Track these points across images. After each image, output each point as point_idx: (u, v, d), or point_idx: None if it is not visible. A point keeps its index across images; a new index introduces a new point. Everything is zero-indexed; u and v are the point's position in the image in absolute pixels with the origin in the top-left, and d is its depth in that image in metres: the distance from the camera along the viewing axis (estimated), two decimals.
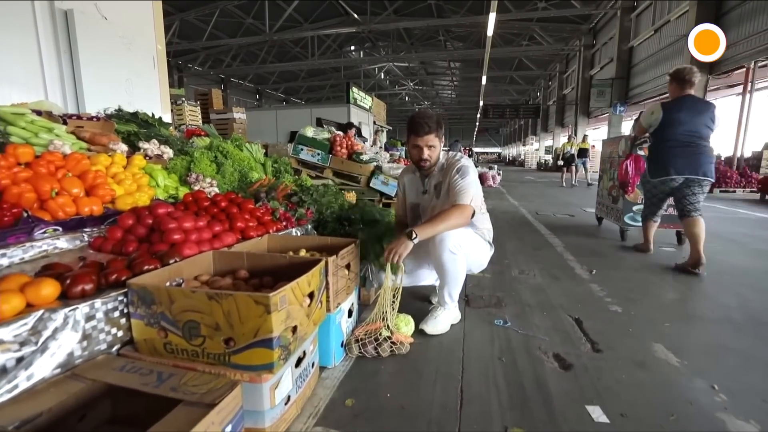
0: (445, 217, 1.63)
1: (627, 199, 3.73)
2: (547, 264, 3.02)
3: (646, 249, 3.37)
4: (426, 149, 1.81)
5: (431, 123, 1.77)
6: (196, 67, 20.50)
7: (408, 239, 1.58)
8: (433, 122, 1.77)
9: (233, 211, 1.90)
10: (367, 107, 12.56)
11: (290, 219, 2.17)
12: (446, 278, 1.76)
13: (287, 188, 2.59)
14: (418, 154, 1.82)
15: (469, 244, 1.76)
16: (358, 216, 2.41)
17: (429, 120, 1.78)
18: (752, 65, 9.49)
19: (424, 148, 1.80)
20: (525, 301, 2.25)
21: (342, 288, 1.55)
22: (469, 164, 1.81)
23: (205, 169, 2.39)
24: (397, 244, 1.59)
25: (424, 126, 1.77)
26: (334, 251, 1.76)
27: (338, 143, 4.16)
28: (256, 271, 1.45)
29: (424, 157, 1.81)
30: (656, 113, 2.95)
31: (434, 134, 1.79)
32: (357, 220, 2.38)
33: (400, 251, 1.56)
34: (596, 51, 18.00)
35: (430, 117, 1.79)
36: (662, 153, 2.93)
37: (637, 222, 3.70)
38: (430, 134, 1.78)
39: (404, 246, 1.57)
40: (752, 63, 9.43)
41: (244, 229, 1.83)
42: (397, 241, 1.60)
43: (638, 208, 3.68)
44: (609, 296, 2.32)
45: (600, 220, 4.75)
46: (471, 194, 1.71)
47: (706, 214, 3.01)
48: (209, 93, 7.84)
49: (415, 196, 2.02)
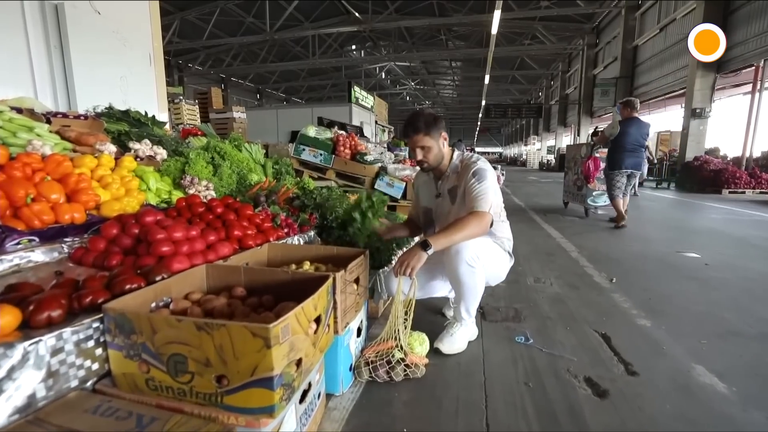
0: (461, 226, 1.48)
1: (589, 188, 5.31)
2: (563, 271, 2.86)
3: (621, 219, 4.64)
4: (419, 151, 1.67)
5: (419, 123, 1.64)
6: (197, 66, 20.36)
7: (422, 250, 1.42)
8: (420, 122, 1.63)
9: (230, 217, 1.73)
10: (369, 107, 12.40)
11: (292, 225, 2.01)
12: (463, 293, 1.60)
13: (289, 191, 2.43)
14: (414, 156, 1.70)
15: (488, 255, 1.60)
16: None
17: (417, 120, 1.64)
18: (762, 63, 9.30)
19: (417, 150, 1.67)
20: (545, 314, 2.09)
21: (351, 306, 1.39)
22: (487, 167, 1.65)
23: (200, 172, 2.23)
24: (410, 255, 1.43)
25: (409, 127, 1.65)
26: (341, 263, 1.60)
27: (341, 143, 4.00)
28: (255, 287, 1.29)
29: (418, 158, 1.69)
30: (616, 128, 4.58)
31: (422, 134, 1.63)
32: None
33: (412, 263, 1.40)
34: (599, 50, 17.83)
35: (419, 116, 1.65)
36: (619, 154, 4.60)
37: (596, 203, 5.37)
38: (418, 134, 1.63)
39: (417, 257, 1.41)
40: (762, 61, 9.25)
41: (242, 238, 1.67)
42: (410, 251, 1.44)
43: (597, 193, 5.28)
44: (634, 308, 2.16)
45: (566, 204, 6.37)
46: (489, 200, 1.55)
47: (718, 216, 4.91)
48: (209, 92, 7.69)
49: (428, 200, 1.86)
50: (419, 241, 1.45)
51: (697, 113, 10.52)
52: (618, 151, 4.58)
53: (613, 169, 4.63)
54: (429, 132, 1.64)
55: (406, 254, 1.44)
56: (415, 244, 1.46)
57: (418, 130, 1.64)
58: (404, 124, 1.70)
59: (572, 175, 5.92)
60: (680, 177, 10.82)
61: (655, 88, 13.48)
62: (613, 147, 4.63)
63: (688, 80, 10.70)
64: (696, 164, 10.19)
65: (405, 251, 1.47)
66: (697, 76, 10.28)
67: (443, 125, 1.69)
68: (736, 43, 9.68)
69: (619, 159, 4.57)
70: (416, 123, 1.64)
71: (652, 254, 3.36)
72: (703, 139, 10.83)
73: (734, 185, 9.14)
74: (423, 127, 1.63)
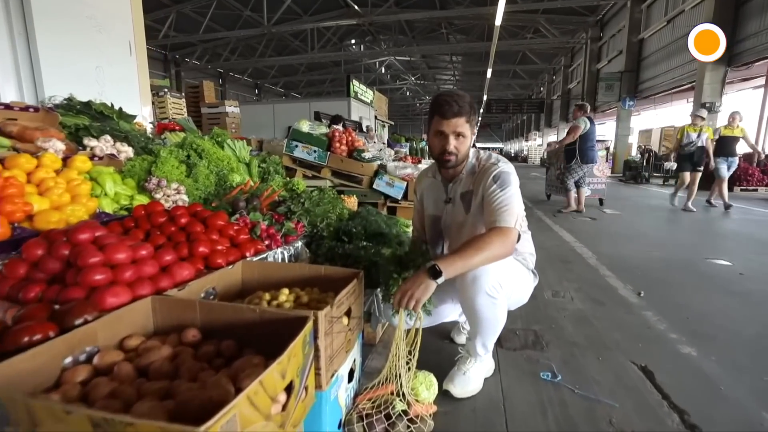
0: (481, 246, 1.16)
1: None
2: (583, 282, 2.57)
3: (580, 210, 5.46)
4: (452, 138, 1.31)
5: (463, 103, 1.28)
6: (194, 61, 19.96)
7: (429, 278, 1.11)
8: (465, 103, 1.30)
9: (196, 229, 1.44)
10: (368, 101, 12.04)
11: (275, 236, 1.71)
12: (480, 327, 1.31)
13: (274, 195, 2.13)
14: (442, 145, 1.33)
15: (512, 280, 1.30)
16: (361, 229, 1.95)
17: (460, 99, 1.29)
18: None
19: (450, 136, 1.31)
20: (570, 338, 1.79)
21: (340, 347, 1.10)
22: (510, 169, 1.34)
23: (170, 172, 1.92)
24: (414, 283, 1.12)
25: (453, 105, 1.27)
26: (329, 286, 1.31)
27: (337, 139, 3.69)
28: (214, 327, 1.00)
29: (449, 148, 1.32)
30: (586, 125, 5.22)
31: (465, 118, 1.30)
32: (359, 234, 1.92)
33: (417, 295, 1.10)
34: (603, 44, 17.45)
35: (462, 96, 1.31)
36: (587, 149, 5.31)
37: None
38: (461, 117, 1.29)
39: (424, 287, 1.11)
40: None
41: (210, 255, 1.37)
42: (414, 279, 1.14)
43: None
44: (672, 330, 1.87)
45: (549, 196, 7.15)
46: (515, 213, 1.24)
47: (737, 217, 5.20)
48: (200, 85, 7.34)
49: (435, 207, 1.53)
50: (427, 265, 1.14)
51: (707, 108, 10.17)
52: (589, 146, 5.29)
53: (586, 162, 5.31)
54: (470, 117, 1.31)
55: (410, 283, 1.13)
56: (420, 270, 1.15)
57: (462, 112, 1.28)
58: (439, 101, 1.31)
59: (554, 170, 6.54)
60: None
61: (661, 82, 13.13)
62: (584, 143, 5.26)
63: (698, 74, 10.35)
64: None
65: (408, 279, 1.17)
66: (707, 69, 9.93)
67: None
68: (748, 34, 9.33)
69: (591, 154, 5.31)
70: (461, 102, 1.29)
71: (677, 261, 3.07)
72: None
73: (746, 183, 8.84)
74: (468, 109, 1.29)
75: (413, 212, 1.71)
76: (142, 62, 4.14)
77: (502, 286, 1.22)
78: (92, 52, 3.48)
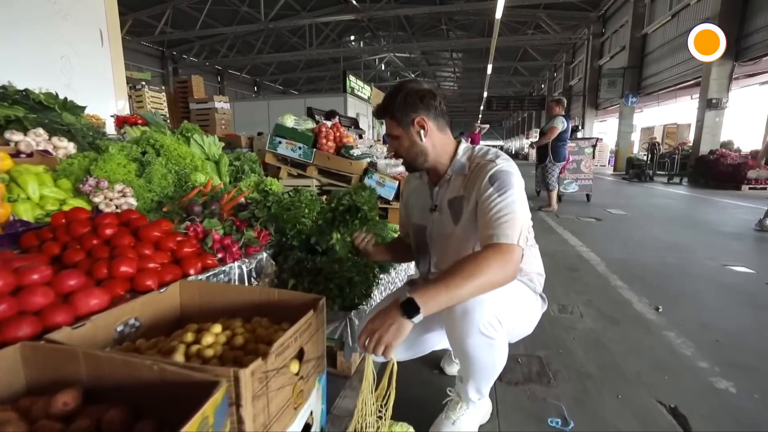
0: (473, 271, 0.86)
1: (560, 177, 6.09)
2: (593, 294, 2.30)
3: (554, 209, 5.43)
4: (390, 141, 1.17)
5: (386, 102, 1.11)
6: (191, 58, 19.67)
7: (403, 316, 0.83)
8: (389, 99, 1.10)
9: (123, 242, 1.16)
10: (365, 98, 11.74)
11: (230, 247, 1.43)
12: (473, 371, 1.03)
13: (239, 197, 1.85)
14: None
15: (514, 311, 1.03)
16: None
17: (386, 98, 1.12)
18: None
19: (389, 140, 1.17)
20: (582, 368, 1.52)
21: (284, 406, 0.82)
22: (511, 167, 1.05)
23: (114, 171, 1.65)
24: (383, 323, 0.84)
25: (379, 106, 1.14)
26: (284, 315, 1.04)
27: (323, 135, 3.41)
28: (105, 386, 0.72)
29: (388, 152, 1.24)
30: (564, 123, 5.19)
31: (389, 116, 1.10)
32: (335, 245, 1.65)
33: (387, 339, 0.82)
34: (606, 40, 17.14)
35: (392, 93, 1.10)
36: (561, 148, 5.36)
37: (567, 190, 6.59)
38: (385, 116, 1.12)
39: (395, 329, 0.82)
40: None
41: (137, 276, 1.10)
42: (383, 316, 0.84)
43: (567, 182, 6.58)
44: (702, 357, 1.60)
45: (538, 192, 7.01)
46: (519, 223, 0.94)
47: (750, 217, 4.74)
48: (188, 80, 7.05)
49: (420, 214, 1.25)
50: (401, 299, 0.85)
51: (713, 104, 9.90)
52: (561, 144, 5.32)
53: (558, 160, 5.38)
54: (399, 115, 1.08)
55: (378, 321, 0.84)
56: (392, 303, 0.86)
57: (385, 112, 1.11)
58: None
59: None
60: (693, 171, 10.23)
61: (666, 78, 12.80)
62: (556, 140, 5.26)
63: (704, 69, 10.05)
64: (712, 158, 9.58)
65: (376, 313, 0.88)
66: (714, 64, 9.63)
67: (426, 105, 1.07)
68: (757, 28, 9.01)
69: (563, 151, 5.39)
70: (384, 102, 1.11)
71: (693, 269, 2.79)
72: (719, 132, 10.22)
73: (755, 181, 8.54)
74: (392, 106, 1.08)
75: (399, 218, 1.45)
76: (117, 53, 3.87)
77: (501, 321, 0.94)
78: (56, 41, 3.20)
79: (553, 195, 5.48)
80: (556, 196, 5.54)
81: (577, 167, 6.77)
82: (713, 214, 5.38)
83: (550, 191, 5.47)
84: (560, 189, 6.16)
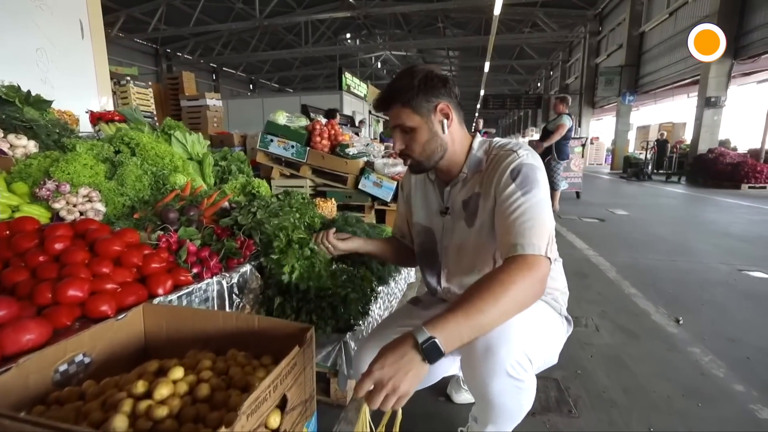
0: (497, 292, 0.69)
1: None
2: (607, 305, 2.14)
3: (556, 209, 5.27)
4: (398, 135, 0.93)
5: (396, 85, 0.89)
6: (186, 55, 19.34)
7: (418, 355, 0.64)
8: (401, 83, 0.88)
9: (74, 259, 0.98)
10: (361, 95, 11.53)
11: (208, 261, 1.25)
12: (494, 416, 0.85)
13: (222, 201, 1.67)
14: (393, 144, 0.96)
15: (542, 344, 0.86)
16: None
17: (394, 81, 0.90)
18: None
19: (396, 133, 0.93)
20: (604, 392, 1.36)
21: None
22: (535, 160, 0.88)
23: (78, 173, 1.46)
24: (398, 367, 0.64)
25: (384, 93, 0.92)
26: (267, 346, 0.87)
27: (317, 132, 3.24)
28: None
29: (397, 147, 0.94)
30: (570, 121, 5.07)
31: (401, 104, 0.89)
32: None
33: (404, 389, 0.63)
34: (602, 38, 17.07)
35: (400, 76, 0.90)
36: (565, 146, 5.28)
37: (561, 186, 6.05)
38: (395, 105, 0.90)
39: (413, 377, 0.64)
40: None
41: (88, 301, 0.93)
42: (395, 355, 0.65)
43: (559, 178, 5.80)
44: (735, 378, 1.44)
45: None
46: (547, 230, 0.79)
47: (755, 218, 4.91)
48: (179, 76, 6.84)
49: (427, 217, 1.07)
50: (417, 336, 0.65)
51: (712, 102, 9.82)
52: (565, 143, 5.25)
53: (562, 159, 5.30)
54: (410, 102, 0.88)
55: (389, 365, 0.64)
56: (404, 341, 0.67)
57: (395, 98, 0.89)
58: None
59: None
60: (692, 170, 10.15)
61: (663, 76, 12.73)
62: (563, 139, 5.16)
63: (703, 67, 9.96)
64: (710, 157, 9.51)
65: (383, 354, 0.67)
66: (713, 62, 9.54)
67: (448, 91, 0.90)
68: (756, 26, 8.93)
69: (566, 150, 5.36)
70: (394, 86, 0.90)
71: (708, 274, 2.65)
72: (717, 130, 10.15)
73: (755, 180, 8.46)
74: (406, 90, 0.88)
75: (396, 214, 1.26)
76: (99, 46, 3.65)
77: (531, 359, 0.77)
78: (30, 32, 2.99)
79: (556, 195, 5.35)
80: (558, 195, 5.43)
81: (567, 166, 6.85)
82: (717, 214, 5.26)
83: (555, 191, 5.32)
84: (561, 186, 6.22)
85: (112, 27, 14.39)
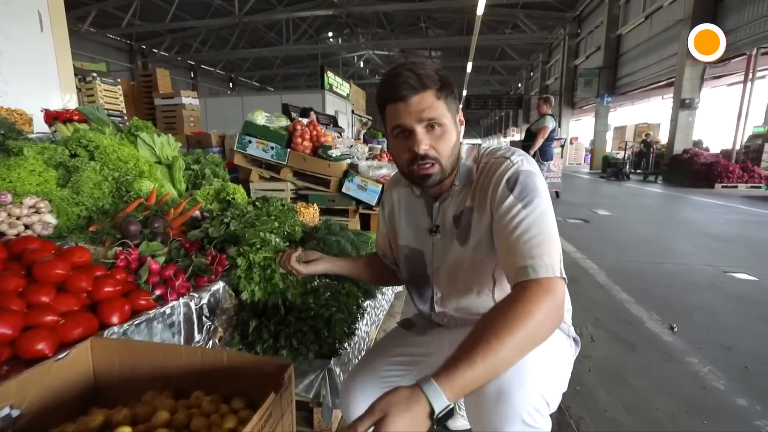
0: (514, 328, 0.58)
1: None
2: (600, 312, 2.08)
3: None
4: (421, 131, 0.74)
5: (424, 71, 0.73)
6: (162, 52, 18.69)
7: (420, 409, 0.53)
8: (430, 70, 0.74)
9: (5, 287, 0.83)
10: (344, 95, 11.36)
11: (173, 281, 1.11)
12: None
13: (192, 210, 1.52)
14: (409, 148, 0.76)
15: (558, 379, 0.76)
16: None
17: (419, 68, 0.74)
18: (754, 52, 8.85)
19: (416, 130, 0.74)
20: (606, 412, 1.28)
21: None
22: (532, 166, 0.78)
23: (23, 180, 1.29)
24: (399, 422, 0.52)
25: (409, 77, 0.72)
26: (238, 386, 0.75)
27: (299, 133, 3.09)
28: None
29: (420, 151, 0.75)
30: (554, 122, 5.16)
31: (434, 92, 0.74)
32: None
33: None
34: (581, 40, 17.42)
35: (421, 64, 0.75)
36: (549, 147, 5.36)
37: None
38: (427, 91, 0.73)
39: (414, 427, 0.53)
40: (754, 50, 8.80)
41: (19, 339, 0.78)
42: (398, 409, 0.53)
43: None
44: (736, 390, 1.39)
45: None
46: (556, 246, 0.69)
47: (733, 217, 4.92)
48: (153, 73, 6.53)
49: (415, 236, 0.95)
50: (422, 387, 0.54)
51: (686, 104, 10.10)
52: (548, 144, 5.31)
53: (546, 160, 5.38)
54: (445, 95, 0.75)
55: (390, 416, 0.52)
56: (406, 391, 0.55)
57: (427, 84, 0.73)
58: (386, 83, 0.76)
59: None
60: (668, 170, 10.43)
61: (640, 78, 13.06)
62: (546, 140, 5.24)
63: (677, 70, 10.24)
64: (685, 157, 9.78)
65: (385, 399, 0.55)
66: (687, 65, 9.82)
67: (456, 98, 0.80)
68: (726, 30, 9.21)
69: (550, 151, 5.42)
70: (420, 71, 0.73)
71: (694, 276, 2.64)
72: (691, 131, 10.47)
73: (727, 179, 8.73)
74: (436, 79, 0.74)
75: (377, 232, 1.13)
76: (61, 39, 3.39)
77: (549, 402, 0.68)
78: None
79: None
80: None
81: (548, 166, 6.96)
82: (696, 213, 5.36)
83: None
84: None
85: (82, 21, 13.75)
